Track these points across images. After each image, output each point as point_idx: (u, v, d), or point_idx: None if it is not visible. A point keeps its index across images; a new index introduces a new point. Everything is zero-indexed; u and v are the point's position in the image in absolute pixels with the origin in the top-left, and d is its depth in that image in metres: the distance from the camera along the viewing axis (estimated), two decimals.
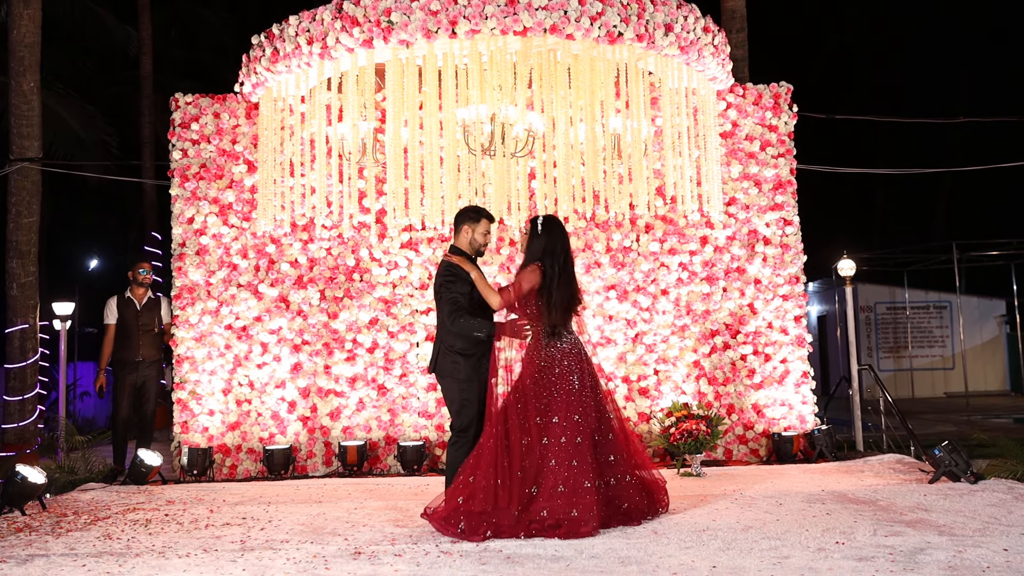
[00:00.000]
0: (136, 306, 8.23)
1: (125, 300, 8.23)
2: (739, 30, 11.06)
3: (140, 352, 8.18)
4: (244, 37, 7.82)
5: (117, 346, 8.20)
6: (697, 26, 6.88)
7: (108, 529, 5.59)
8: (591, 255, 8.48)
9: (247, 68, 7.44)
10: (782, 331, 8.51)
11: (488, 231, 5.70)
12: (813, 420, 8.46)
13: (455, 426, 5.54)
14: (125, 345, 8.18)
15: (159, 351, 8.38)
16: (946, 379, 19.26)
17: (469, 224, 5.65)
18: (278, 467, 8.01)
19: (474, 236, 5.64)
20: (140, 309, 8.23)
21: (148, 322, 8.24)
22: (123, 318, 8.19)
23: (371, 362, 8.36)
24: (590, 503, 5.01)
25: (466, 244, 5.66)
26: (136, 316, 8.20)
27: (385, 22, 6.31)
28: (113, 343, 8.21)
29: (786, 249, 8.59)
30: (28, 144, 9.61)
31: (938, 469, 6.58)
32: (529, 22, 6.22)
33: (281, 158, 7.52)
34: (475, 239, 5.64)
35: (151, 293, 8.36)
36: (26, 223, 9.61)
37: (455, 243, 5.69)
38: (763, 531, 5.01)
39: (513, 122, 6.56)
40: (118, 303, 8.23)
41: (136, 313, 8.21)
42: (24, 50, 9.57)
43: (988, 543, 4.60)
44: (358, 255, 8.44)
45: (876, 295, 19.31)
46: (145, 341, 8.21)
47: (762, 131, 8.64)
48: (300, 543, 5.06)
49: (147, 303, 8.28)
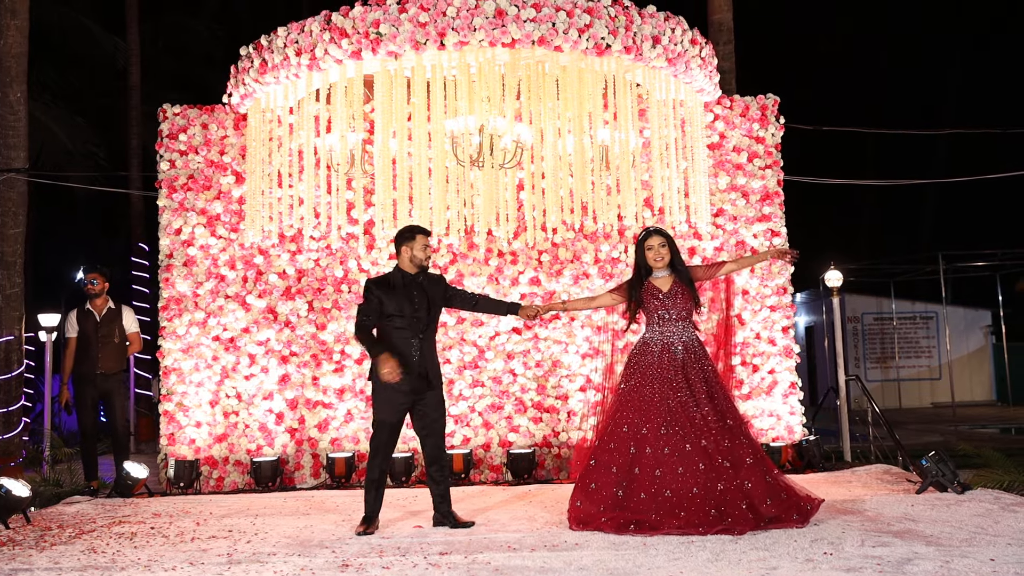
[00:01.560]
0: (96, 317, 8.00)
1: (84, 312, 8.00)
2: (726, 42, 11.13)
3: (100, 365, 7.93)
4: (232, 48, 7.82)
5: (78, 359, 7.97)
6: (684, 38, 6.92)
7: (93, 543, 5.55)
8: (579, 266, 8.49)
9: (235, 79, 7.44)
10: (770, 342, 8.54)
11: (427, 244, 5.86)
12: (801, 431, 8.48)
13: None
14: (85, 358, 7.94)
15: (121, 363, 8.13)
16: (933, 389, 19.32)
17: (406, 244, 5.82)
18: (265, 479, 7.97)
19: (414, 253, 5.79)
20: (100, 320, 8.00)
21: (108, 333, 8.00)
22: (83, 330, 7.97)
23: (359, 373, 8.34)
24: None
25: (407, 263, 5.81)
26: (96, 328, 7.97)
27: (373, 34, 6.33)
28: (74, 356, 8.00)
29: (773, 260, 8.62)
30: (14, 155, 9.57)
31: (925, 479, 6.60)
32: (517, 34, 6.25)
33: (269, 169, 7.51)
34: (415, 255, 5.79)
35: (111, 303, 8.13)
36: (12, 234, 9.55)
37: (398, 264, 5.86)
38: (751, 542, 5.01)
39: (501, 133, 6.58)
40: (78, 315, 8.02)
41: (96, 325, 7.97)
42: (11, 61, 9.54)
43: (975, 553, 4.61)
44: (346, 266, 8.43)
45: (863, 306, 19.38)
46: (105, 353, 7.96)
47: (749, 143, 8.69)
48: (287, 556, 5.03)
49: (107, 314, 8.04)
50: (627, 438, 5.53)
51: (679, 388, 5.62)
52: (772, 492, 5.38)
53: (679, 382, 5.64)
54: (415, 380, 5.70)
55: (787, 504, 5.39)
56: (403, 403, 5.74)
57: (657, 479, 5.38)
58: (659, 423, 5.52)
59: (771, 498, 5.35)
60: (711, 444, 5.44)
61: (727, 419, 5.56)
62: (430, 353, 5.82)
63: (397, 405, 5.73)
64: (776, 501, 5.36)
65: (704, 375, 5.71)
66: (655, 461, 5.42)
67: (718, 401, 5.63)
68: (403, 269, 5.83)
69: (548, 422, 8.35)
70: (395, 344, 5.67)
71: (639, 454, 5.47)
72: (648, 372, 5.71)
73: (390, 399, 5.71)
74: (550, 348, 8.43)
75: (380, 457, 5.78)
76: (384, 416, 5.75)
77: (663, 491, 5.34)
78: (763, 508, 5.29)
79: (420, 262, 5.82)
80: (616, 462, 5.50)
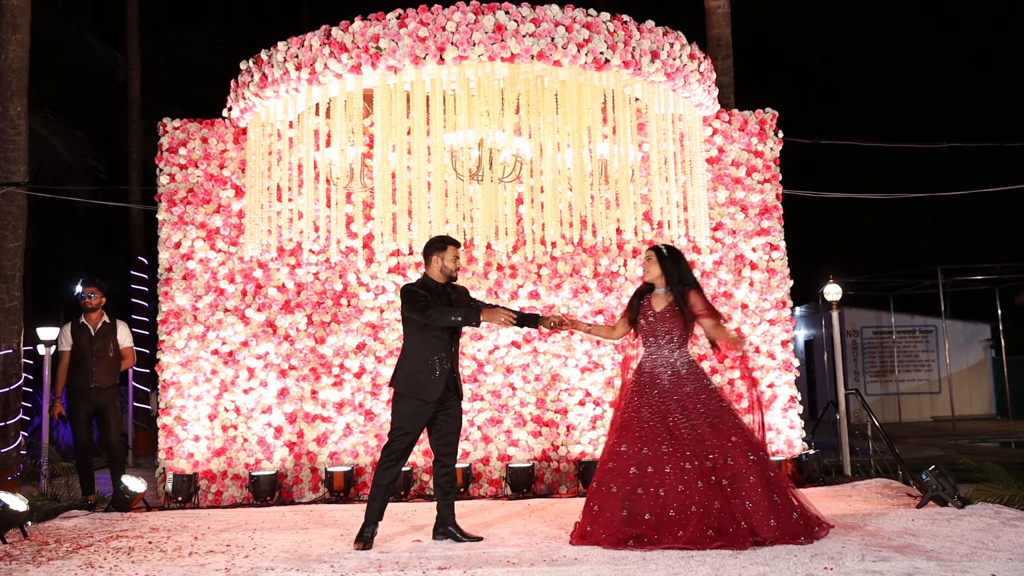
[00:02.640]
0: (90, 331, 7.99)
1: (79, 326, 8.00)
2: (725, 57, 11.17)
3: (94, 379, 7.91)
4: (232, 63, 7.84)
5: (71, 372, 7.94)
6: (683, 53, 6.95)
7: (90, 557, 5.52)
8: (579, 280, 8.49)
9: (235, 93, 7.46)
10: (769, 355, 8.53)
11: (457, 256, 5.85)
12: (801, 445, 8.46)
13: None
14: (79, 371, 7.92)
15: (115, 377, 8.11)
16: (932, 403, 19.29)
17: (437, 254, 5.81)
18: (264, 493, 7.94)
19: (444, 264, 5.79)
20: (94, 335, 7.99)
21: (103, 347, 7.99)
22: (77, 344, 7.96)
23: (358, 387, 8.33)
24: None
25: (437, 273, 5.80)
26: (90, 342, 7.96)
27: (373, 48, 6.35)
28: (68, 370, 7.98)
29: (773, 274, 8.63)
30: (15, 168, 9.58)
31: (925, 494, 6.58)
32: (517, 49, 6.27)
33: (269, 183, 7.52)
34: (445, 266, 5.79)
35: (106, 317, 8.13)
36: (11, 247, 9.55)
37: (427, 273, 5.85)
38: (751, 556, 4.99)
39: (501, 147, 6.60)
40: (72, 329, 8.01)
41: (90, 339, 7.97)
42: (12, 75, 9.56)
43: (976, 568, 4.59)
44: (345, 280, 8.43)
45: (862, 319, 19.38)
46: (99, 367, 7.94)
47: (748, 157, 8.71)
48: (285, 570, 5.01)
49: (102, 328, 8.04)
50: (627, 459, 5.50)
51: (672, 411, 5.58)
52: (777, 513, 5.30)
53: (670, 405, 5.60)
54: (444, 390, 5.67)
55: (794, 526, 5.30)
56: (428, 414, 5.69)
57: (661, 499, 5.34)
58: (659, 442, 5.49)
59: (776, 519, 5.26)
60: (712, 463, 5.39)
61: (732, 437, 5.49)
62: (455, 363, 5.81)
63: (422, 416, 5.69)
64: (782, 522, 5.27)
65: (698, 396, 5.64)
66: (658, 481, 5.39)
67: (718, 420, 5.56)
68: (432, 279, 5.81)
69: (547, 436, 8.33)
70: (426, 353, 5.65)
71: (641, 474, 5.44)
72: (643, 394, 5.69)
73: (417, 410, 5.66)
74: (549, 362, 8.42)
75: (399, 464, 5.71)
76: (407, 425, 5.68)
77: (667, 511, 5.30)
78: (764, 529, 5.21)
79: (450, 272, 5.81)
80: (616, 482, 5.47)
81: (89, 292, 8.11)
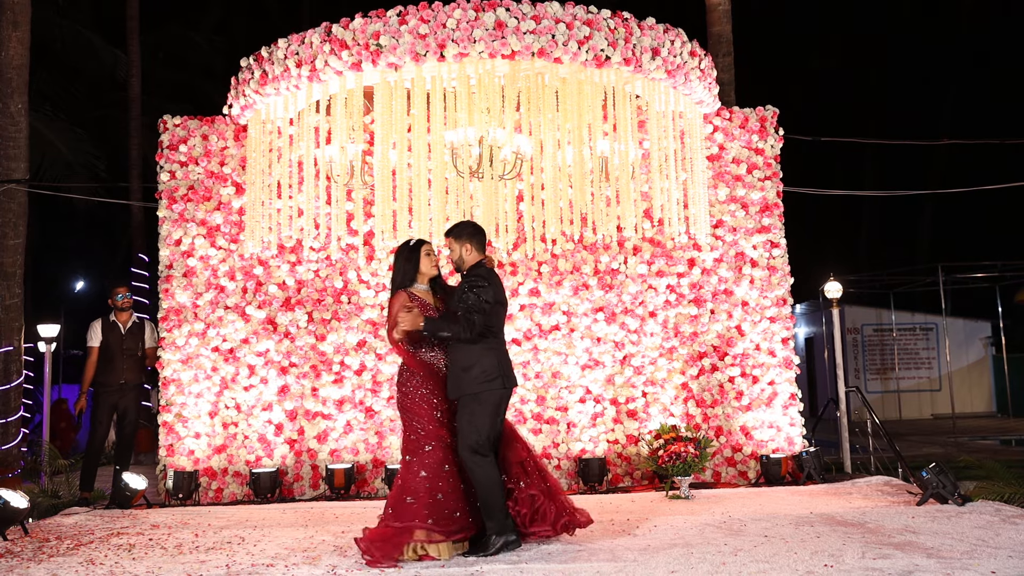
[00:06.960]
0: (121, 330, 8.11)
1: (110, 324, 8.11)
2: (725, 54, 11.16)
3: (123, 376, 8.05)
4: (233, 60, 7.84)
5: (100, 369, 8.05)
6: (684, 50, 6.94)
7: (91, 554, 5.53)
8: (579, 277, 8.49)
9: (236, 90, 7.46)
10: (770, 353, 8.53)
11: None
12: (801, 442, 8.46)
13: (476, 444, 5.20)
14: (108, 368, 8.04)
15: (141, 375, 8.25)
16: (933, 401, 19.29)
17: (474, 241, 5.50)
18: (265, 490, 7.95)
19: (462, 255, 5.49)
20: (125, 333, 8.11)
21: (132, 346, 8.13)
22: (107, 342, 8.07)
23: (359, 384, 8.33)
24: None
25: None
26: (120, 340, 8.09)
27: (374, 45, 6.34)
28: (96, 366, 8.11)
29: (773, 271, 8.62)
30: (15, 166, 9.59)
31: (926, 491, 6.59)
32: (517, 46, 6.26)
33: (269, 180, 7.52)
34: (463, 258, 5.49)
35: (135, 317, 8.25)
36: (12, 244, 9.56)
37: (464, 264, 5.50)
38: (752, 554, 5.00)
39: (501, 144, 6.59)
40: (103, 326, 8.11)
41: (121, 337, 8.09)
42: (12, 72, 9.57)
43: (976, 565, 4.60)
44: (346, 277, 8.43)
45: (863, 317, 19.37)
46: (128, 365, 8.08)
47: (748, 154, 8.70)
48: (286, 567, 5.02)
49: (132, 327, 8.17)
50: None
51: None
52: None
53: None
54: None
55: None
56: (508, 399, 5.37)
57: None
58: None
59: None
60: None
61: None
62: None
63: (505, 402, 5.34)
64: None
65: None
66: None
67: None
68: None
69: (548, 433, 8.33)
70: (482, 349, 5.28)
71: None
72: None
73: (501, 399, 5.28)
74: (550, 359, 8.42)
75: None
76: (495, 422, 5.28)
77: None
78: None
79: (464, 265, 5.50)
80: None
81: (123, 292, 8.21)
